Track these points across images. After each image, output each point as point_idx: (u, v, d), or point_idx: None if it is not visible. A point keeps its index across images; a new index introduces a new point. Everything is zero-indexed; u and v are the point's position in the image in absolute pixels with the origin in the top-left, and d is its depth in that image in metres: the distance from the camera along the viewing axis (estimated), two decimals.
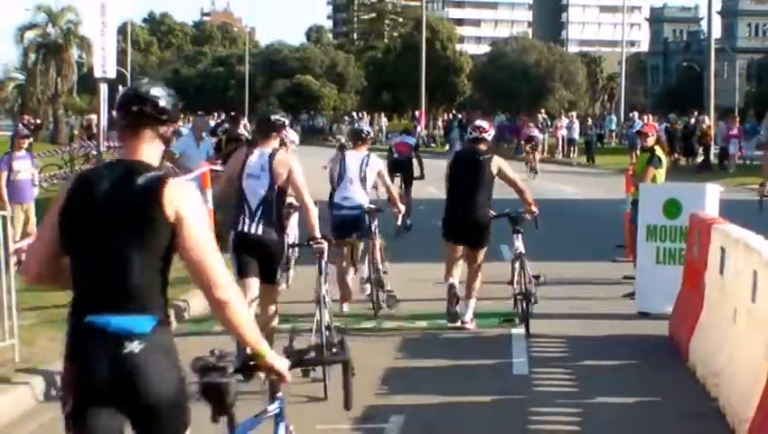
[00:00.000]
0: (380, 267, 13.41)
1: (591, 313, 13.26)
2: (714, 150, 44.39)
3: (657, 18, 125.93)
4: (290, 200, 10.31)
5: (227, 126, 23.00)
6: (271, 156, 9.64)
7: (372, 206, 13.41)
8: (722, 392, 8.88)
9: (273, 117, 10.14)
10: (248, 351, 4.76)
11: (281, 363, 4.72)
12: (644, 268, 13.32)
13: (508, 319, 12.47)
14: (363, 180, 13.18)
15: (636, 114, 53.69)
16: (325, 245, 9.69)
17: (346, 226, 13.02)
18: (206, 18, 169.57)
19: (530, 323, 11.99)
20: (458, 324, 12.35)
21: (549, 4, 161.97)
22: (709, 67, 47.78)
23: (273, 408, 4.87)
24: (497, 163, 12.34)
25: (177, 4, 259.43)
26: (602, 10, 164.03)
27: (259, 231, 9.46)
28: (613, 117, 69.31)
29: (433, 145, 63.71)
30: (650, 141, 15.00)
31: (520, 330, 12.04)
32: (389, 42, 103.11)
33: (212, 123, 32.08)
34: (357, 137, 13.83)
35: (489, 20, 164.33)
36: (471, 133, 12.76)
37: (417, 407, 9.09)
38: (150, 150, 4.78)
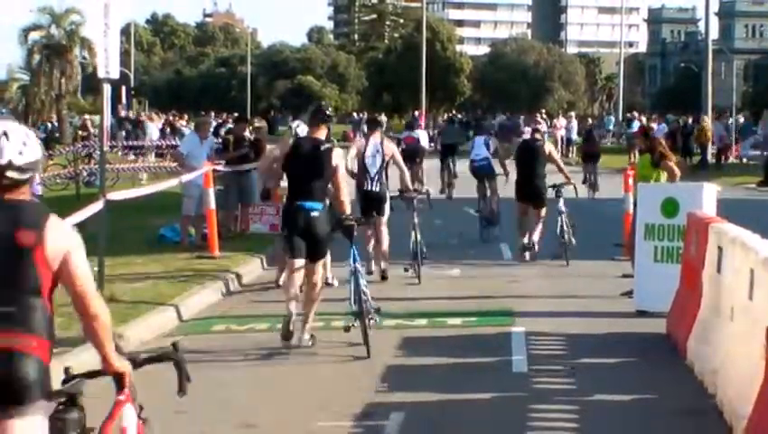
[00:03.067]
0: (494, 207, 20.93)
1: (589, 311, 13.30)
2: (711, 150, 44.47)
3: (655, 19, 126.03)
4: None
5: (230, 126, 23.01)
6: (381, 143, 15.53)
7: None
8: (720, 389, 8.92)
9: (378, 118, 16.83)
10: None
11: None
12: (642, 266, 13.36)
13: (557, 256, 17.15)
14: (487, 146, 21.78)
15: (636, 114, 53.71)
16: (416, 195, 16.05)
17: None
18: (208, 19, 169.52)
19: (529, 321, 12.60)
20: (527, 255, 17.50)
21: (548, 6, 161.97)
22: (707, 67, 47.86)
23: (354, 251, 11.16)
24: (548, 147, 18.48)
25: (179, 5, 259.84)
26: (600, 11, 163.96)
27: (376, 189, 15.35)
28: (611, 118, 69.31)
29: (432, 144, 63.47)
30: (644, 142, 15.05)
31: (520, 328, 12.18)
32: (390, 43, 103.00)
33: (213, 123, 32.02)
34: (485, 130, 23.99)
35: (488, 21, 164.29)
36: (532, 126, 20.15)
37: (418, 404, 9.14)
38: (323, 134, 11.28)
